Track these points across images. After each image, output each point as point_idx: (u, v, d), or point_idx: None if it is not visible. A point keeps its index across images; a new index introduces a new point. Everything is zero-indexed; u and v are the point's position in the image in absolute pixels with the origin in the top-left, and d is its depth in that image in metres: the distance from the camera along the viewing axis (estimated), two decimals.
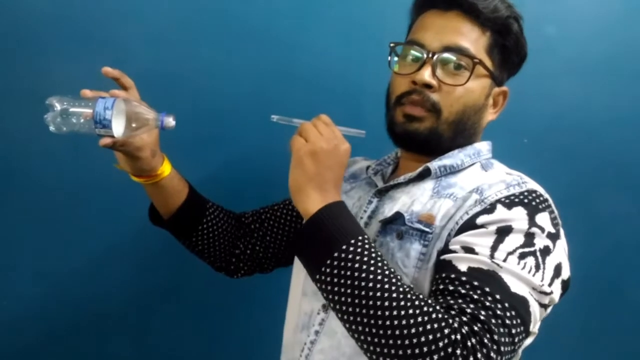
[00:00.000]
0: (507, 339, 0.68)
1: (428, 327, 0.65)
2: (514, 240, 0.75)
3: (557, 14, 1.28)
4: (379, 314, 0.67)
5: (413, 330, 0.65)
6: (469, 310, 0.68)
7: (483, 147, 0.93)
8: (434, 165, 0.88)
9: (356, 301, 0.69)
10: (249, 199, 1.12)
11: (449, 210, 0.81)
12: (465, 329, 0.66)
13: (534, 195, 0.80)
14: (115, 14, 1.20)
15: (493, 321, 0.68)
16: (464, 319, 0.67)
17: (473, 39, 0.87)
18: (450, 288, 0.72)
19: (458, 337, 0.65)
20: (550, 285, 0.75)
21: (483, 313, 0.68)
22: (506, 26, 0.88)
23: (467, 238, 0.76)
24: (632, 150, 1.31)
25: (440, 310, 0.68)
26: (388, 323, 0.66)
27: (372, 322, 0.67)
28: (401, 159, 0.98)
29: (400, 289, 0.69)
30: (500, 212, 0.77)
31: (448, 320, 0.66)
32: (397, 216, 0.84)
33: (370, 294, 0.68)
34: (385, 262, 0.72)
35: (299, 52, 1.25)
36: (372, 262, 0.71)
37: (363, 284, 0.69)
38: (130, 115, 0.81)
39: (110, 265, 1.28)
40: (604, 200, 1.32)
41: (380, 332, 0.67)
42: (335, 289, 0.71)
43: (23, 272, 1.26)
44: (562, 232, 0.82)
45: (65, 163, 1.22)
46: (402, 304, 0.67)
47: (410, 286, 0.72)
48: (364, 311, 0.68)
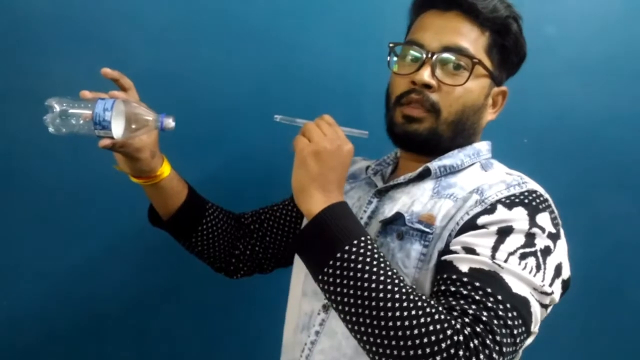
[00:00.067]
0: (509, 340, 0.68)
1: (431, 328, 0.65)
2: (515, 240, 0.75)
3: (557, 14, 1.28)
4: (382, 314, 0.67)
5: (416, 331, 0.65)
6: (471, 312, 0.68)
7: (482, 147, 0.93)
8: (434, 165, 0.88)
9: (359, 302, 0.69)
10: (248, 200, 1.12)
11: (450, 210, 0.81)
12: (467, 330, 0.66)
13: (534, 195, 0.80)
14: (115, 14, 1.20)
15: (495, 322, 0.68)
16: (466, 320, 0.67)
17: (472, 39, 0.87)
18: (452, 289, 0.72)
19: (461, 338, 0.65)
20: (551, 285, 0.76)
21: (485, 314, 0.68)
22: (505, 26, 0.88)
23: (468, 239, 0.76)
24: (632, 150, 1.31)
25: (442, 311, 0.68)
26: (391, 324, 0.66)
27: (375, 323, 0.67)
28: (401, 159, 0.98)
29: (403, 290, 0.69)
30: (501, 213, 0.77)
31: (450, 322, 0.66)
32: (398, 216, 0.84)
33: (373, 295, 0.68)
34: (388, 263, 0.72)
35: (299, 52, 1.25)
36: (375, 263, 0.71)
37: (366, 285, 0.69)
38: (129, 116, 0.81)
39: (110, 265, 1.28)
40: (604, 200, 1.32)
41: (383, 333, 0.67)
42: (338, 289, 0.71)
43: (23, 272, 1.26)
44: (562, 232, 0.82)
45: (65, 163, 1.22)
46: (405, 305, 0.67)
47: (413, 287, 0.72)
48: (366, 312, 0.68)
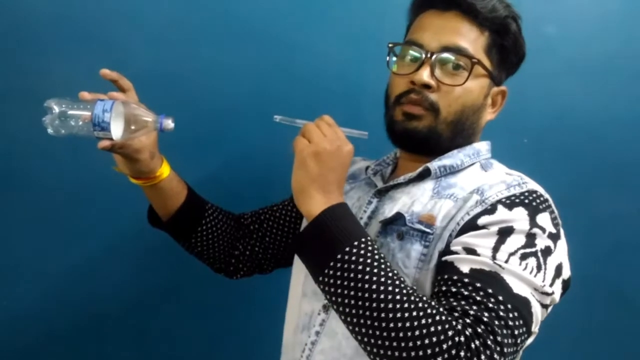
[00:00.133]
0: (510, 340, 0.68)
1: (432, 329, 0.65)
2: (516, 241, 0.75)
3: (557, 14, 1.28)
4: (383, 316, 0.67)
5: (417, 332, 0.65)
6: (472, 312, 0.68)
7: (482, 147, 0.93)
8: (434, 165, 0.88)
9: (359, 303, 0.69)
10: (248, 200, 1.12)
11: (450, 210, 0.81)
12: (468, 331, 0.66)
13: (534, 195, 0.80)
14: (115, 14, 1.20)
15: (496, 322, 0.68)
16: (468, 320, 0.67)
17: (471, 39, 0.87)
18: (453, 290, 0.72)
19: (462, 339, 0.65)
20: (551, 285, 0.76)
21: (486, 315, 0.68)
22: (504, 26, 0.88)
23: (469, 239, 0.76)
24: (632, 150, 1.31)
25: (443, 312, 0.68)
26: (392, 325, 0.66)
27: (376, 324, 0.67)
28: (400, 159, 0.98)
29: (404, 291, 0.69)
30: (502, 213, 0.77)
31: (452, 322, 0.66)
32: (398, 217, 0.84)
33: (374, 296, 0.68)
34: (388, 264, 0.72)
35: (299, 52, 1.25)
36: (376, 264, 0.71)
37: (367, 286, 0.69)
38: (128, 117, 0.81)
39: (110, 265, 1.28)
40: (604, 200, 1.32)
41: (384, 334, 0.67)
42: (339, 290, 0.71)
43: (23, 272, 1.26)
44: (562, 232, 0.82)
45: (65, 164, 1.22)
46: (406, 306, 0.67)
47: (414, 288, 0.72)
48: (367, 313, 0.68)
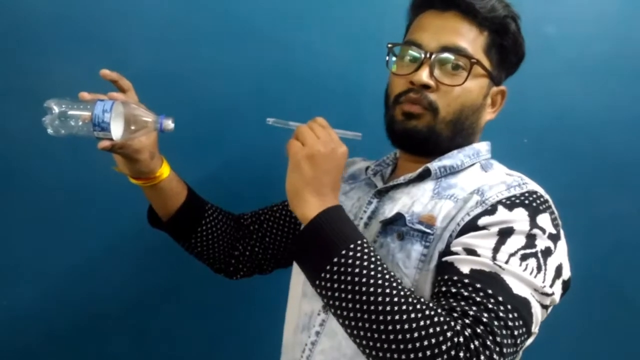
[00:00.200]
0: (510, 341, 0.68)
1: (431, 331, 0.65)
2: (516, 241, 0.75)
3: (557, 14, 1.28)
4: (381, 318, 0.67)
5: (416, 334, 0.65)
6: (471, 313, 0.68)
7: (482, 148, 0.93)
8: (434, 165, 0.88)
9: (357, 306, 0.69)
10: (248, 200, 1.12)
11: (450, 211, 0.81)
12: (468, 332, 0.66)
13: (534, 196, 0.80)
14: (115, 14, 1.20)
15: (496, 323, 0.68)
16: (467, 321, 0.67)
17: (471, 39, 0.87)
18: (453, 290, 0.72)
19: (461, 340, 0.65)
20: (551, 286, 0.76)
21: (485, 315, 0.68)
22: (504, 26, 0.88)
23: (469, 240, 0.76)
24: (632, 150, 1.31)
25: (442, 313, 0.68)
26: (390, 327, 0.66)
27: (374, 327, 0.67)
28: (400, 160, 0.97)
29: (402, 293, 0.69)
30: (502, 214, 0.77)
31: (450, 323, 0.66)
32: (398, 217, 0.84)
33: (372, 299, 0.68)
34: (385, 266, 0.72)
35: (299, 52, 1.25)
36: (372, 267, 0.71)
37: (364, 289, 0.69)
38: (128, 117, 0.81)
39: (110, 265, 1.28)
40: (604, 200, 1.32)
41: (383, 337, 0.67)
42: (336, 294, 0.71)
43: (23, 272, 1.26)
44: (562, 233, 0.82)
45: (65, 164, 1.22)
46: (404, 308, 0.67)
47: (411, 289, 0.72)
48: (365, 316, 0.68)
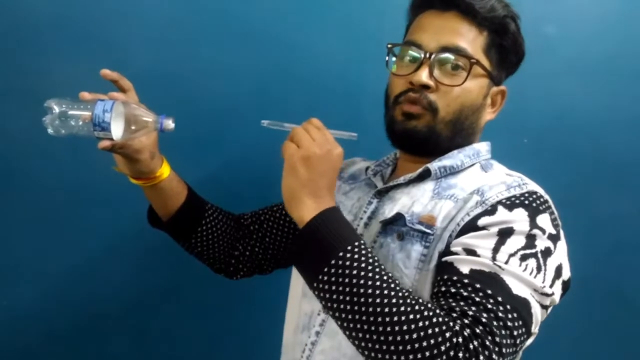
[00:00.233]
0: (509, 341, 0.68)
1: (429, 332, 0.65)
2: (516, 242, 0.75)
3: (557, 14, 1.28)
4: (379, 320, 0.67)
5: (414, 335, 0.65)
6: (470, 313, 0.68)
7: (482, 148, 0.93)
8: (434, 166, 0.88)
9: (355, 308, 0.69)
10: (248, 200, 1.12)
11: (450, 211, 0.81)
12: (467, 332, 0.66)
13: (534, 196, 0.80)
14: (115, 14, 1.20)
15: (495, 323, 0.68)
16: (466, 321, 0.67)
17: (470, 39, 0.87)
18: (452, 290, 0.72)
19: (460, 340, 0.65)
20: (551, 286, 0.76)
21: (485, 315, 0.68)
22: (503, 26, 0.88)
23: (469, 240, 0.76)
24: (632, 150, 1.31)
25: (440, 313, 0.68)
26: (389, 329, 0.66)
27: (373, 329, 0.67)
28: (400, 160, 0.97)
29: (400, 294, 0.69)
30: (502, 214, 0.77)
31: (449, 324, 0.66)
32: (398, 217, 0.84)
33: (370, 300, 0.68)
34: (383, 267, 0.72)
35: (299, 52, 1.25)
36: (370, 268, 0.71)
37: (362, 291, 0.69)
38: (129, 117, 0.81)
39: (110, 265, 1.28)
40: (604, 200, 1.32)
41: (382, 338, 0.67)
42: (334, 296, 0.71)
43: (23, 272, 1.26)
44: (562, 233, 0.82)
45: (65, 164, 1.22)
46: (402, 309, 0.67)
47: (409, 290, 0.72)
48: (364, 317, 0.68)
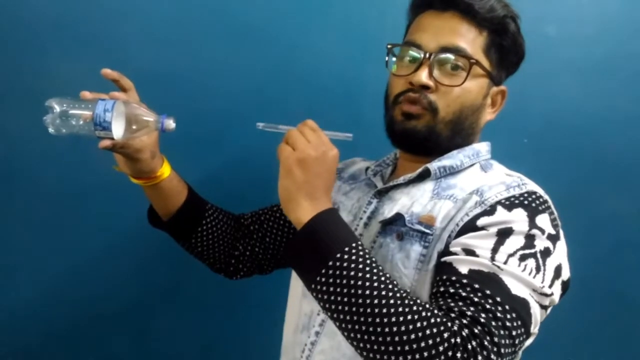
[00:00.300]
0: (508, 341, 0.68)
1: (427, 332, 0.65)
2: (515, 242, 0.75)
3: (557, 14, 1.28)
4: (377, 320, 0.67)
5: (412, 335, 0.65)
6: (469, 313, 0.68)
7: (482, 148, 0.93)
8: (434, 166, 0.88)
9: (353, 309, 0.69)
10: (248, 200, 1.12)
11: (449, 211, 0.81)
12: (465, 332, 0.66)
13: (534, 196, 0.80)
14: (115, 14, 1.20)
15: (493, 323, 0.68)
16: (464, 321, 0.67)
17: (470, 39, 0.87)
18: (451, 290, 0.72)
19: (458, 340, 0.65)
20: (550, 286, 0.76)
21: (483, 315, 0.68)
22: (503, 25, 0.88)
23: (468, 240, 0.76)
24: (632, 150, 1.31)
25: (438, 314, 0.68)
26: (387, 330, 0.66)
27: (371, 329, 0.67)
28: (400, 160, 0.97)
29: (398, 295, 0.69)
30: (501, 214, 0.77)
31: (447, 324, 0.66)
32: (398, 217, 0.84)
33: (368, 301, 0.68)
34: (380, 268, 0.72)
35: (299, 52, 1.25)
36: (368, 269, 0.71)
37: (360, 292, 0.69)
38: (130, 117, 0.81)
39: (110, 265, 1.28)
40: (604, 200, 1.32)
41: (380, 339, 0.67)
42: (332, 297, 0.71)
43: (23, 272, 1.26)
44: (562, 233, 0.82)
45: (65, 163, 1.21)
46: (400, 310, 0.67)
47: (407, 291, 0.72)
48: (362, 319, 0.68)
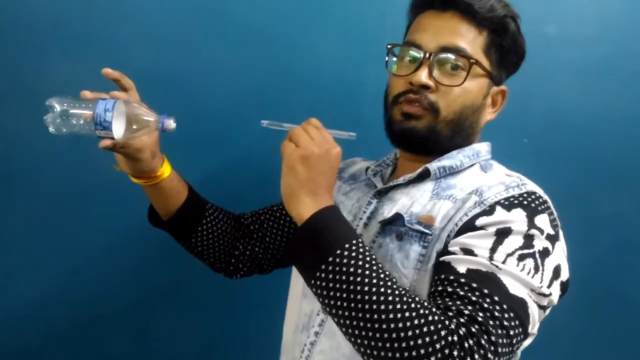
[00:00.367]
0: (505, 340, 0.68)
1: (425, 330, 0.65)
2: (513, 241, 0.75)
3: (557, 14, 1.28)
4: (375, 317, 0.67)
5: (410, 332, 0.65)
6: (466, 312, 0.68)
7: (482, 148, 0.93)
8: (434, 166, 0.88)
9: (352, 305, 0.69)
10: (248, 200, 1.12)
11: (449, 211, 0.81)
12: (462, 330, 0.66)
13: (533, 197, 0.80)
14: (115, 14, 1.20)
15: (491, 322, 0.68)
16: (462, 320, 0.67)
17: (470, 39, 0.87)
18: (449, 289, 0.72)
19: (455, 339, 0.65)
20: (549, 286, 0.76)
21: (481, 314, 0.68)
22: (503, 25, 0.88)
23: (467, 240, 0.76)
24: (632, 150, 1.31)
25: (436, 312, 0.68)
26: (385, 326, 0.66)
27: (369, 326, 0.67)
28: (400, 160, 0.97)
29: (396, 292, 0.69)
30: (500, 214, 0.77)
31: (445, 322, 0.67)
32: (397, 217, 0.84)
33: (366, 298, 0.68)
34: (380, 266, 0.72)
35: (299, 52, 1.25)
36: (367, 266, 0.71)
37: (359, 288, 0.69)
38: (130, 117, 0.81)
39: (110, 265, 1.28)
40: (604, 200, 1.32)
41: (377, 335, 0.67)
42: (331, 293, 0.71)
43: (23, 272, 1.26)
44: (561, 234, 0.82)
45: (66, 163, 1.22)
46: (399, 307, 0.67)
47: (406, 289, 0.72)
48: (360, 315, 0.68)
